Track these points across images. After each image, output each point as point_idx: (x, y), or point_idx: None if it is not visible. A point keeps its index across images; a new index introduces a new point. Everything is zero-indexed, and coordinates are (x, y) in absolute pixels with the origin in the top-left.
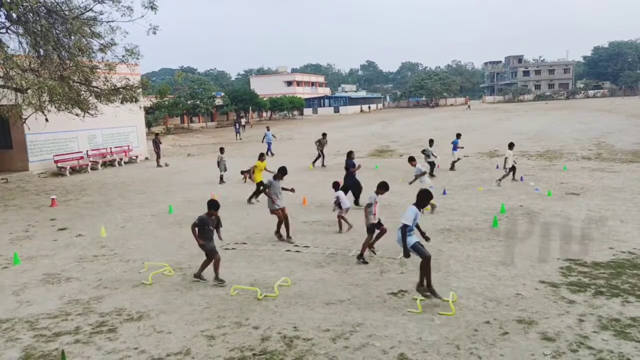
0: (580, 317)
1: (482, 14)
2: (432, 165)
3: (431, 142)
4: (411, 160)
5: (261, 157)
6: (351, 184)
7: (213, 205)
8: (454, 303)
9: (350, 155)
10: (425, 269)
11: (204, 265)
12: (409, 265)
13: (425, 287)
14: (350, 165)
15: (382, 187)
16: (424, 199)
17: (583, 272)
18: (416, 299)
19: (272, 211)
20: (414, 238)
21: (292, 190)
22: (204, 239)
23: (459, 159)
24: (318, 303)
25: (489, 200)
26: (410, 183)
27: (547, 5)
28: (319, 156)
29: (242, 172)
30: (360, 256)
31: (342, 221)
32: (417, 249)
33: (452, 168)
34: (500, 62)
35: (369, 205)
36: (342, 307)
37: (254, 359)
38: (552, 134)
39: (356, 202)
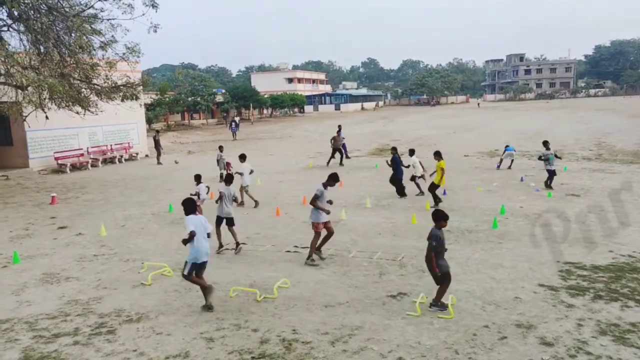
0: (579, 321)
1: (483, 11)
2: (551, 173)
3: (546, 143)
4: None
5: (437, 155)
6: (397, 178)
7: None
8: (453, 306)
9: (395, 150)
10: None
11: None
12: (409, 267)
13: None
14: (395, 160)
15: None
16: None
17: (582, 275)
18: (415, 302)
19: (314, 224)
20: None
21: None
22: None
23: (503, 161)
24: (317, 305)
25: (489, 201)
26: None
27: (549, 3)
28: (334, 155)
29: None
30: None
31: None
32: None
33: (506, 166)
34: (502, 60)
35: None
36: (341, 309)
37: None
38: (553, 133)
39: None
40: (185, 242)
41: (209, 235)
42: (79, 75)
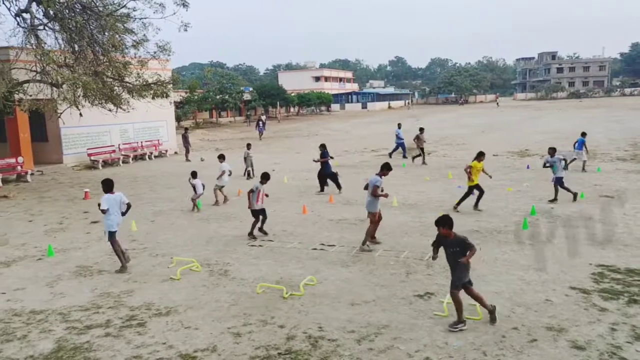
0: (613, 326)
1: (513, 8)
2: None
3: (551, 150)
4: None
5: (479, 157)
6: (329, 173)
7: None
8: (481, 307)
9: (324, 147)
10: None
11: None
12: (436, 267)
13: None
14: (325, 156)
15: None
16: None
17: (616, 278)
18: (443, 302)
19: (372, 214)
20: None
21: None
22: None
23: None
24: (343, 303)
25: (519, 201)
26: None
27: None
28: (419, 154)
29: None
30: (250, 234)
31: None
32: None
33: (583, 169)
34: (533, 58)
35: (252, 191)
36: (367, 308)
37: (279, 358)
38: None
39: (338, 187)
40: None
41: (124, 213)
42: (111, 73)
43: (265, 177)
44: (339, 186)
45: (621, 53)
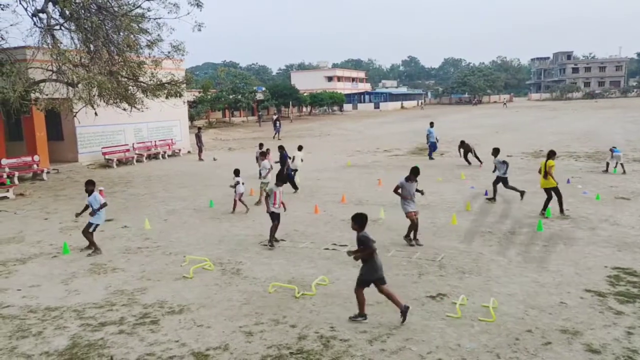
0: (629, 329)
1: (528, 8)
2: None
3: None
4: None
5: (551, 155)
6: (289, 174)
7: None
8: (495, 309)
9: (282, 149)
10: None
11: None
12: (448, 268)
13: None
14: (284, 158)
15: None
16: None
17: (632, 281)
18: (455, 303)
19: (407, 214)
20: None
21: (422, 192)
22: None
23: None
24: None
25: (534, 202)
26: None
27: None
28: (476, 155)
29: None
30: (270, 241)
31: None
32: None
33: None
34: (548, 58)
35: (268, 196)
36: (379, 308)
37: (291, 357)
38: (602, 134)
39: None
40: (100, 208)
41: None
42: (126, 72)
43: (281, 180)
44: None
45: (638, 53)
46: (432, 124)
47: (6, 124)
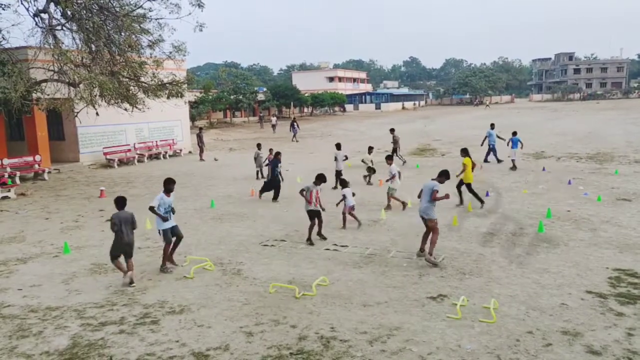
0: (630, 331)
1: (529, 8)
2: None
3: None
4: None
5: (463, 152)
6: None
7: None
8: (495, 311)
9: (278, 154)
10: None
11: None
12: (449, 269)
13: None
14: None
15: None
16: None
17: (633, 283)
18: (456, 304)
19: (431, 220)
20: None
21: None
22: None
23: None
24: (355, 304)
25: (535, 203)
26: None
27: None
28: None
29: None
30: (308, 239)
31: (352, 218)
32: None
33: None
34: (550, 59)
35: (303, 190)
36: (379, 309)
37: (291, 358)
38: (603, 135)
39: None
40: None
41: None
42: (127, 73)
43: (320, 179)
44: (265, 191)
45: (639, 54)
46: (492, 126)
47: (8, 124)
